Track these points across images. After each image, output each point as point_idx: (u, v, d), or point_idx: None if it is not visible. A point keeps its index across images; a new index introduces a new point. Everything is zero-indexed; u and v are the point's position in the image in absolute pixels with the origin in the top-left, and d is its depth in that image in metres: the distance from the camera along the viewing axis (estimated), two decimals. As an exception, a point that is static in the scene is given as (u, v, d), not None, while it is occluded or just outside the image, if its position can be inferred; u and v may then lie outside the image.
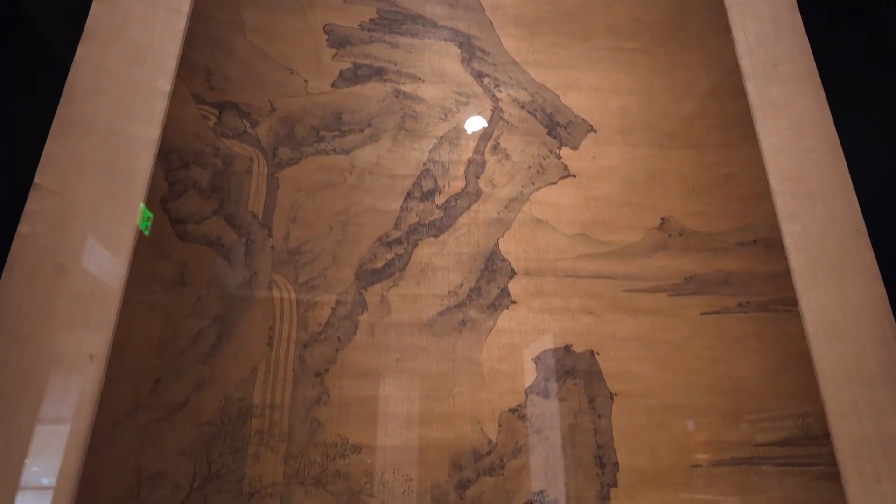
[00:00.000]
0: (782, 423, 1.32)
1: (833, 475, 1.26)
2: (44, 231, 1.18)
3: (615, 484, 1.24)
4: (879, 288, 1.40)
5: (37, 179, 1.21)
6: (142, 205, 1.17)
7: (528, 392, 1.30)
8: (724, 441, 1.30)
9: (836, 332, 1.35)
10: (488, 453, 1.24)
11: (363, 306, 1.33)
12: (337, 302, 1.32)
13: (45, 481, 1.07)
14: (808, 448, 1.30)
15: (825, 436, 1.29)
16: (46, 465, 1.07)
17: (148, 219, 1.27)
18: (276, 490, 1.15)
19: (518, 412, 1.28)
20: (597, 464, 1.25)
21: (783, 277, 1.42)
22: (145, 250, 1.26)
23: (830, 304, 1.39)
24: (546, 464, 1.25)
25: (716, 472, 1.27)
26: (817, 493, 1.26)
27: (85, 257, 1.21)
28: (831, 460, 1.27)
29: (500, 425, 1.27)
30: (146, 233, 1.29)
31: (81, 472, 1.07)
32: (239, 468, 1.16)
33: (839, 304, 1.38)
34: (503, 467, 1.23)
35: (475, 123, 1.50)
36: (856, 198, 1.45)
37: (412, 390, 1.27)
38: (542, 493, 1.22)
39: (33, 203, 1.18)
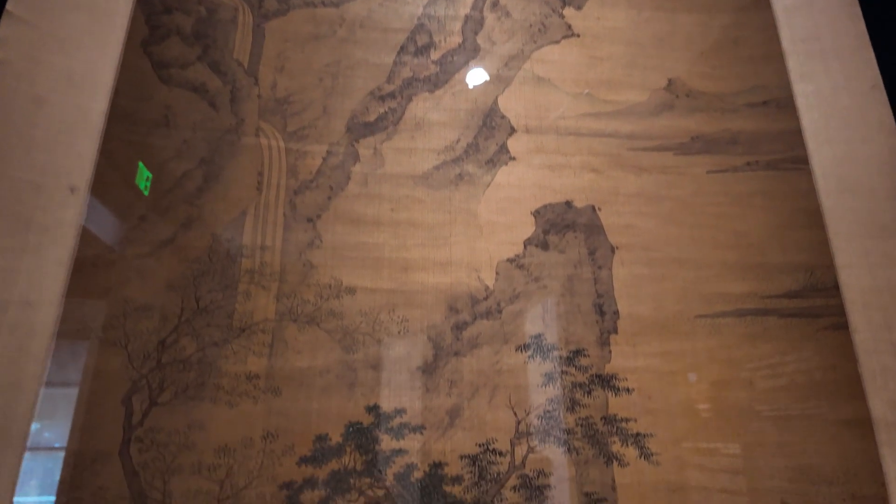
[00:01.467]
0: (790, 275, 1.41)
1: (841, 325, 1.36)
2: (17, 58, 1.25)
3: (615, 331, 1.34)
4: (894, 142, 1.48)
5: (9, 6, 1.27)
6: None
7: (526, 244, 1.39)
8: (730, 293, 1.39)
9: (848, 186, 1.45)
10: (485, 298, 1.33)
11: (355, 157, 1.40)
12: (328, 152, 1.40)
13: (31, 297, 1.15)
14: (816, 300, 1.39)
15: (833, 287, 1.39)
16: (30, 285, 1.16)
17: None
18: (268, 326, 1.24)
19: (516, 262, 1.37)
20: (596, 311, 1.34)
21: (793, 136, 1.51)
22: (127, 91, 1.33)
23: (843, 158, 1.48)
24: (544, 310, 1.33)
25: (720, 322, 1.36)
26: (825, 342, 1.35)
27: (63, 91, 1.28)
28: (839, 311, 1.37)
29: (497, 273, 1.35)
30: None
31: (65, 293, 1.15)
32: (229, 304, 1.24)
33: (852, 158, 1.48)
34: (500, 312, 1.32)
35: (472, -22, 1.56)
36: (873, 54, 1.53)
37: (407, 238, 1.36)
38: (539, 336, 1.31)
39: (6, 29, 1.24)
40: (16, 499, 1.02)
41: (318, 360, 1.24)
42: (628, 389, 1.30)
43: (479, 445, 1.23)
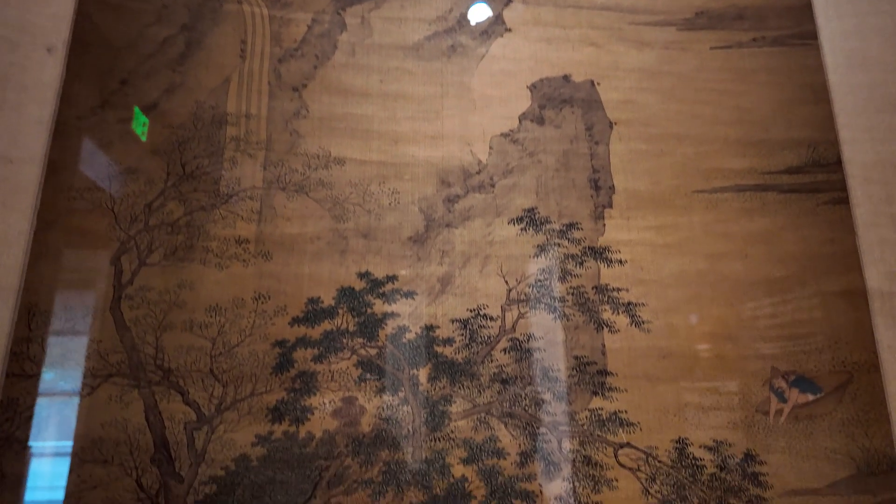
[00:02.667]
0: (791, 151, 1.49)
1: (841, 200, 1.45)
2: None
3: (610, 205, 1.42)
4: (905, 15, 1.52)
5: None
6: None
7: (521, 118, 1.46)
8: (729, 169, 1.47)
9: (857, 61, 1.50)
10: (478, 172, 1.40)
11: (342, 26, 1.45)
12: (313, 20, 1.45)
13: (12, 154, 1.21)
14: (817, 175, 1.47)
15: (836, 163, 1.47)
16: (11, 142, 1.22)
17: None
18: (256, 193, 1.32)
19: (510, 136, 1.44)
20: (591, 186, 1.42)
21: (801, 12, 1.56)
22: (100, -49, 1.36)
23: (852, 32, 1.53)
24: (538, 184, 1.41)
25: (718, 197, 1.45)
26: (824, 216, 1.44)
27: (36, -52, 1.31)
28: (840, 186, 1.46)
29: (490, 147, 1.42)
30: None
31: (48, 153, 1.21)
32: (215, 171, 1.32)
33: (862, 32, 1.53)
34: (493, 185, 1.40)
35: None
36: (888, -77, 1.56)
37: (397, 110, 1.42)
38: (532, 210, 1.40)
39: None
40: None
41: (308, 228, 1.33)
42: (621, 261, 1.40)
43: (470, 311, 1.33)
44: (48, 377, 1.16)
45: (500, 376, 1.33)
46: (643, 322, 1.39)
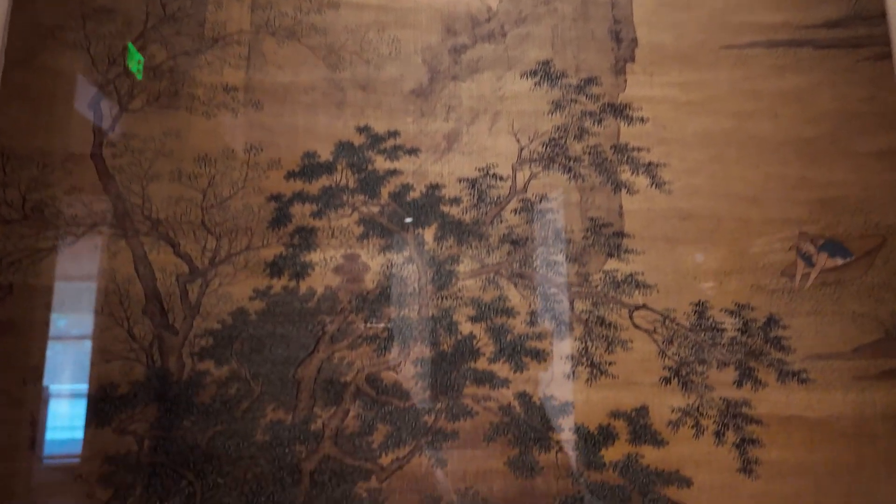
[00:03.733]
0: (831, 4, 1.51)
1: (884, 55, 1.43)
2: None
3: (632, 59, 1.40)
4: None
5: None
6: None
7: (535, -37, 1.41)
8: (762, 23, 1.46)
9: None
10: (487, 20, 1.38)
11: None
12: None
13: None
14: (859, 29, 1.46)
15: (880, 16, 1.44)
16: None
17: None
18: (244, 38, 1.30)
19: (523, -18, 1.39)
20: (612, 38, 1.40)
21: None
22: None
23: None
24: (554, 34, 1.39)
25: (748, 53, 1.43)
26: (864, 72, 1.44)
27: None
28: (884, 41, 1.43)
29: (501, -6, 1.38)
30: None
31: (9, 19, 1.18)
32: (199, 13, 1.29)
33: None
34: (504, 35, 1.38)
35: None
36: None
37: (397, -48, 1.37)
38: (547, 62, 1.38)
39: None
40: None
41: (301, 77, 1.31)
42: (642, 119, 1.39)
43: (479, 170, 1.34)
44: (27, 229, 1.17)
45: (509, 237, 1.34)
46: (664, 183, 1.40)
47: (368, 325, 1.25)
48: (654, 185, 1.43)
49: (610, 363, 1.37)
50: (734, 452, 1.38)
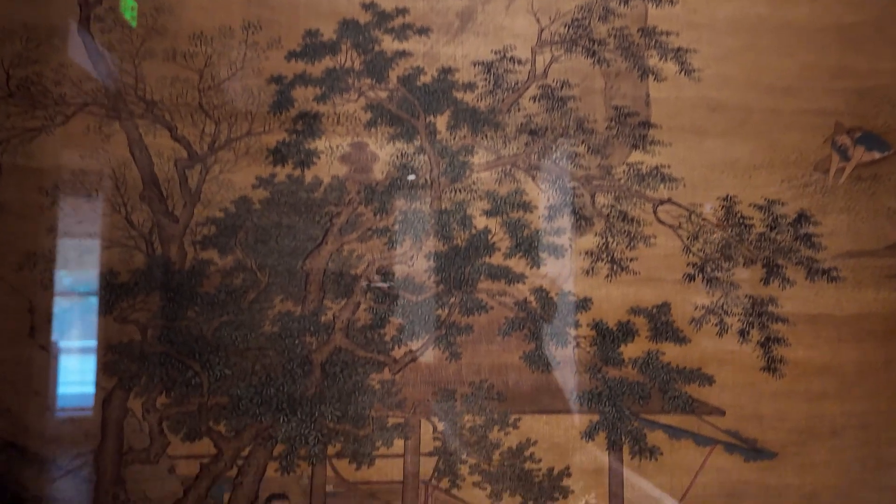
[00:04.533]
0: None
1: None
2: None
3: None
4: None
5: None
6: None
7: None
8: None
9: None
10: None
11: None
12: None
13: None
14: None
15: None
16: None
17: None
18: None
19: None
20: None
21: None
22: None
23: None
24: None
25: None
26: None
27: None
28: None
29: None
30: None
31: None
32: None
33: None
34: None
35: None
36: None
37: None
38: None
39: None
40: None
41: (301, -51, 1.27)
42: (672, 1, 1.36)
43: (495, 52, 1.32)
44: (13, 107, 1.16)
45: (528, 126, 1.34)
46: (693, 70, 1.38)
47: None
48: (682, 73, 1.40)
49: (631, 259, 1.39)
50: (758, 351, 1.41)
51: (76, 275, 1.20)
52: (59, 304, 1.19)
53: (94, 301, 1.19)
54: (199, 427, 1.20)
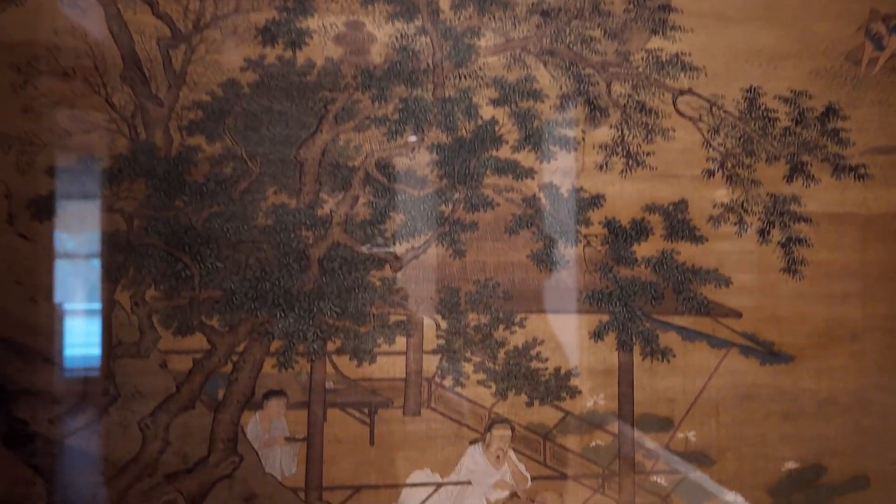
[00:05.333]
0: None
1: None
2: None
3: None
4: None
5: None
6: None
7: None
8: None
9: None
10: None
11: None
12: None
13: None
14: None
15: None
16: None
17: None
18: None
19: None
20: None
21: None
22: None
23: None
24: None
25: None
26: None
27: None
28: None
29: None
30: None
31: None
32: None
33: None
34: None
35: None
36: None
37: None
38: None
39: None
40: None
41: None
42: None
43: (504, -74, 1.20)
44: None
45: (540, 7, 1.25)
46: (719, -52, 1.27)
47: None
48: (707, -49, 1.30)
49: (648, 153, 1.31)
50: (779, 252, 1.36)
51: (55, 159, 1.13)
52: (38, 191, 1.13)
53: (74, 187, 1.14)
54: (191, 321, 1.15)
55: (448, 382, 1.26)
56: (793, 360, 1.34)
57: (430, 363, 1.25)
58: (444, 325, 1.24)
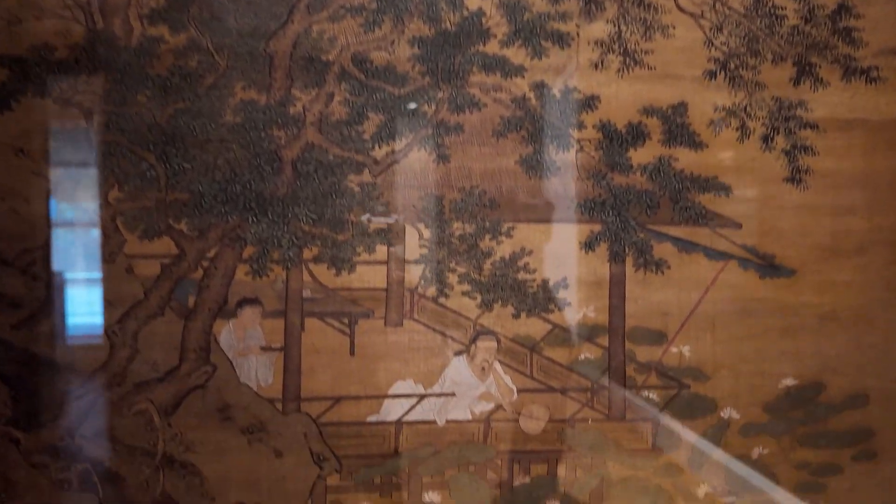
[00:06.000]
0: None
1: None
2: None
3: None
4: None
5: None
6: None
7: None
8: None
9: None
10: None
11: None
12: None
13: None
14: None
15: None
16: None
17: None
18: None
19: None
20: None
21: None
22: None
23: None
24: None
25: None
26: None
27: None
28: None
29: None
30: None
31: None
32: None
33: None
34: None
35: None
36: None
37: None
38: None
39: None
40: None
41: None
42: None
43: None
44: None
45: None
46: None
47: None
48: None
49: (646, 52, 1.22)
50: (782, 160, 1.28)
51: (4, 46, 1.05)
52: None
53: (27, 79, 1.06)
54: (158, 225, 1.08)
55: (431, 293, 1.22)
56: (794, 273, 1.28)
57: (413, 273, 1.19)
58: (426, 234, 1.18)
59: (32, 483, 1.11)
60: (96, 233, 1.09)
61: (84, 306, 1.10)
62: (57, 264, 1.09)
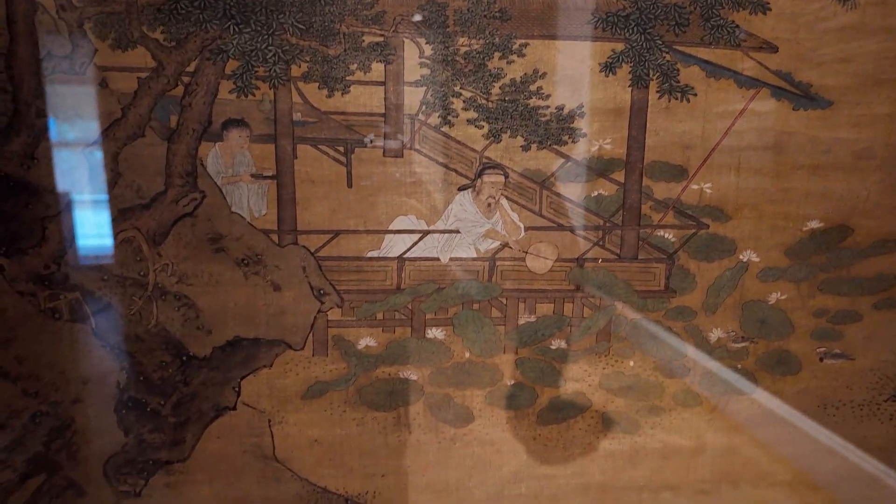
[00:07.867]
0: None
1: None
2: None
3: None
4: None
5: None
6: None
7: None
8: None
9: None
10: None
11: None
12: None
13: None
14: None
15: None
16: None
17: None
18: None
19: None
20: None
21: None
22: None
23: None
24: None
25: None
26: None
27: None
28: None
29: None
30: None
31: None
32: None
33: None
34: None
35: None
36: None
37: None
38: None
39: None
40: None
41: None
42: None
43: None
44: None
45: None
46: None
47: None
48: None
49: None
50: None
51: None
52: None
53: None
54: (131, 32, 0.97)
55: (434, 120, 1.12)
56: (831, 104, 1.15)
57: (414, 97, 1.09)
58: (428, 50, 1.06)
59: (22, 312, 1.08)
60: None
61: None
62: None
